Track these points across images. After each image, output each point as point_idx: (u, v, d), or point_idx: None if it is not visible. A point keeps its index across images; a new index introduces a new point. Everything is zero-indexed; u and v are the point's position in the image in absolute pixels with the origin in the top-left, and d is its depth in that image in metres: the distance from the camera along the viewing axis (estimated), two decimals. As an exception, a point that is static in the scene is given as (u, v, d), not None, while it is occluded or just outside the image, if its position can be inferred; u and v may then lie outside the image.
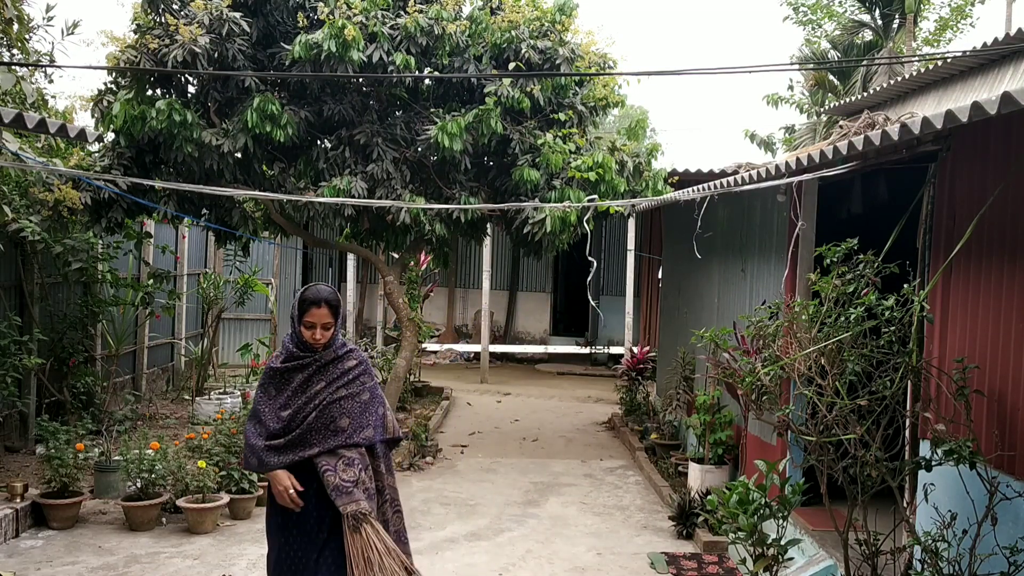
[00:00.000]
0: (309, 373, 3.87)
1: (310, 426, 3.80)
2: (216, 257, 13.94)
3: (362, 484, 3.82)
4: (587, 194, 8.45)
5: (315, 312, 3.82)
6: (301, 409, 3.83)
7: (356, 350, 4.02)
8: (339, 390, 3.86)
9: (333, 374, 3.89)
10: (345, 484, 3.76)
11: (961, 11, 21.10)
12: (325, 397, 3.84)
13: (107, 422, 8.84)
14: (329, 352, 3.90)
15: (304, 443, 3.80)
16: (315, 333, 3.83)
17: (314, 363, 3.87)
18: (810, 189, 6.29)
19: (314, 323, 3.82)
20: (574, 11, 8.88)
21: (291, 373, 3.88)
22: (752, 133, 19.81)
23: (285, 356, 3.91)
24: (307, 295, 3.87)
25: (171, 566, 6.07)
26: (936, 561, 4.06)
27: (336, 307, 3.90)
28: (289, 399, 3.85)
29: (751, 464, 5.93)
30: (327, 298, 3.86)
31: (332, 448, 3.79)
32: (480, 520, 7.35)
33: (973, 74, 8.55)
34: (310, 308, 3.82)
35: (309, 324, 3.83)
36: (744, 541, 5.05)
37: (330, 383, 3.87)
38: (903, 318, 4.28)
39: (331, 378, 3.88)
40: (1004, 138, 4.27)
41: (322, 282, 4.21)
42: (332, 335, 3.89)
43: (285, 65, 8.13)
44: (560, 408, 12.95)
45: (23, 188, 8.42)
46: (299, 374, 3.87)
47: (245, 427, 3.91)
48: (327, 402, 3.83)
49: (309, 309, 3.82)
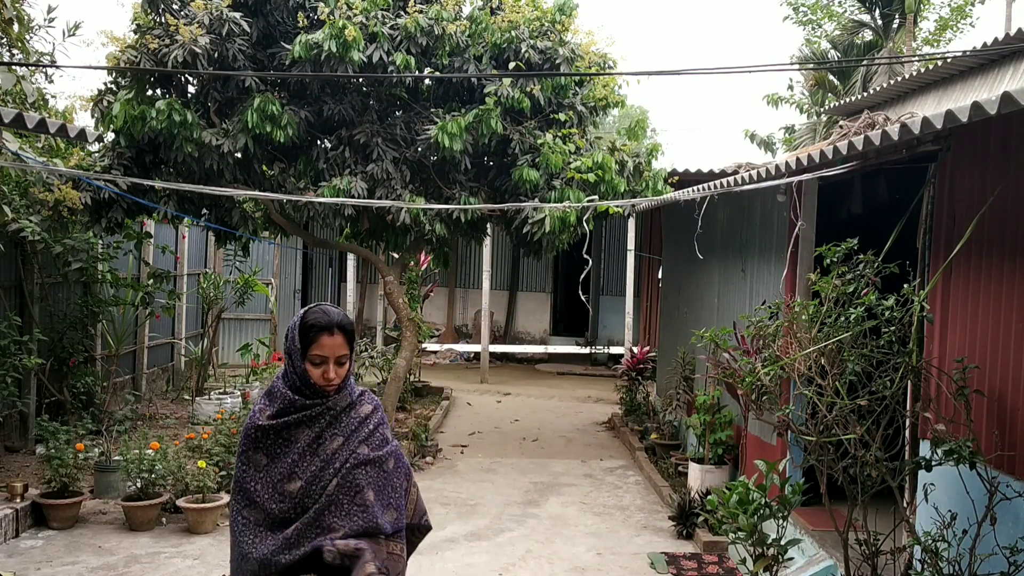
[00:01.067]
0: (320, 427, 2.76)
1: (331, 500, 2.69)
2: (216, 257, 13.94)
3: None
4: (587, 194, 8.45)
5: (326, 342, 2.71)
6: (317, 478, 2.72)
7: (367, 391, 2.96)
8: (360, 447, 2.78)
9: (350, 425, 2.80)
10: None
11: (961, 11, 21.10)
12: (347, 458, 2.75)
13: (107, 422, 8.84)
14: (343, 396, 2.81)
15: (321, 525, 2.68)
16: (327, 371, 2.72)
17: (326, 412, 2.77)
18: (810, 189, 6.29)
19: (325, 357, 2.71)
20: (574, 11, 8.88)
21: (293, 430, 2.75)
22: (752, 133, 19.82)
23: (281, 406, 2.75)
24: (312, 319, 2.75)
25: (171, 566, 6.07)
26: (936, 561, 4.06)
27: (352, 333, 2.81)
28: (296, 465, 2.73)
29: (751, 464, 5.93)
30: (340, 322, 2.75)
31: (358, 531, 2.69)
32: (480, 520, 7.35)
33: (973, 74, 8.55)
34: (319, 337, 2.71)
35: (318, 359, 2.71)
36: (744, 541, 5.05)
37: (348, 438, 2.78)
38: (903, 318, 4.29)
39: (348, 431, 2.79)
40: (1004, 138, 4.27)
41: (326, 301, 3.15)
42: (348, 372, 2.81)
43: (285, 65, 8.13)
44: (560, 408, 12.95)
45: (23, 188, 8.43)
46: (306, 430, 2.75)
47: (231, 521, 2.79)
48: (350, 465, 2.74)
49: (318, 338, 2.71)
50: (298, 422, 2.75)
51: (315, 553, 2.65)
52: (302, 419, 2.76)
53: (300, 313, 2.82)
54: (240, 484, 2.77)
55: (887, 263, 4.52)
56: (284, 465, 2.74)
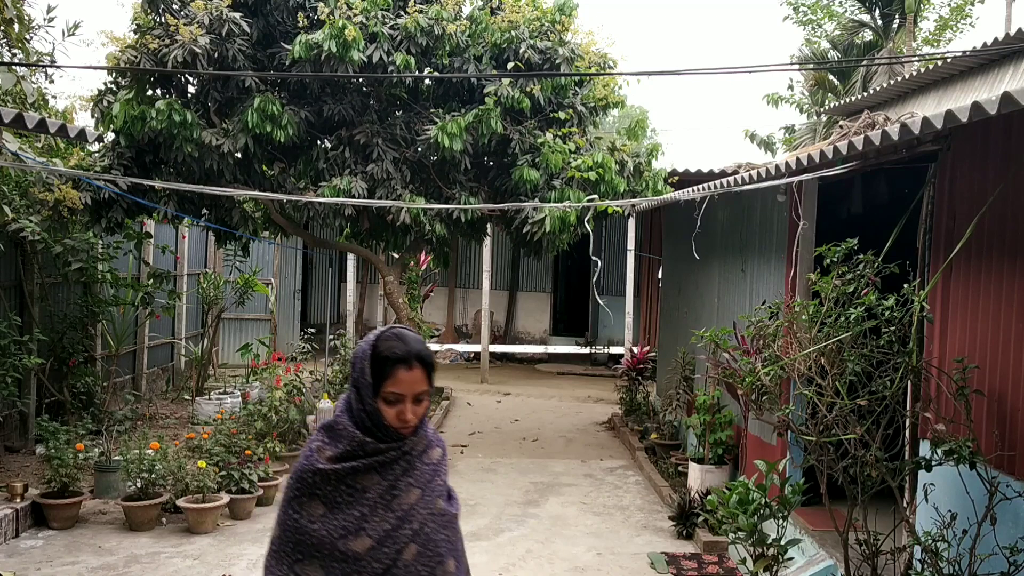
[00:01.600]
0: (395, 476, 2.30)
1: (408, 569, 2.28)
2: (216, 257, 13.94)
3: None
4: (587, 194, 8.45)
5: (403, 377, 2.24)
6: (391, 538, 2.25)
7: (428, 425, 2.44)
8: (437, 501, 2.40)
9: (425, 474, 2.37)
10: None
11: (961, 11, 21.11)
12: (425, 517, 2.33)
13: (107, 422, 8.84)
14: (420, 439, 2.36)
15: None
16: (403, 411, 2.25)
17: (401, 458, 2.31)
18: (810, 189, 6.29)
19: (402, 395, 2.25)
20: (574, 11, 8.88)
21: (361, 477, 2.25)
22: (752, 133, 19.82)
23: (348, 448, 2.26)
24: (387, 350, 2.27)
25: (171, 566, 6.07)
26: (936, 561, 4.05)
27: (432, 365, 2.33)
28: (365, 520, 2.24)
29: (751, 464, 5.93)
30: (419, 353, 2.28)
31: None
32: (480, 520, 7.35)
33: (973, 74, 8.55)
34: (395, 371, 2.24)
35: (393, 397, 2.24)
36: (744, 541, 5.05)
37: (425, 490, 2.35)
38: (903, 318, 4.29)
39: (424, 481, 2.36)
40: (1004, 138, 4.27)
41: (400, 324, 2.75)
42: (425, 411, 2.35)
43: (285, 65, 8.13)
44: (560, 408, 12.95)
45: (23, 188, 8.43)
46: (376, 478, 2.27)
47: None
48: (431, 528, 2.35)
49: (394, 373, 2.24)
50: (368, 468, 2.26)
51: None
52: (373, 465, 2.27)
53: (371, 339, 2.31)
54: (291, 534, 2.25)
55: (887, 263, 4.52)
56: (349, 518, 2.24)
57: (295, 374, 9.87)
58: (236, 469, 7.20)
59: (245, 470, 7.23)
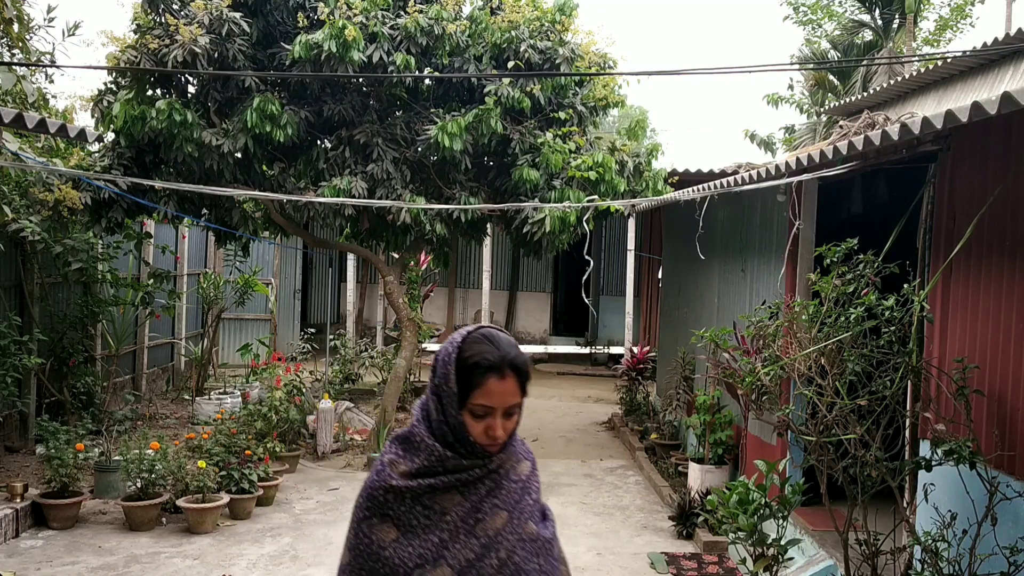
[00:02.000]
0: (479, 496, 2.00)
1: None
2: (216, 257, 13.94)
3: None
4: (587, 194, 8.45)
5: (494, 387, 1.95)
6: (473, 567, 1.95)
7: (517, 436, 2.12)
8: (527, 524, 2.06)
9: (513, 494, 2.06)
10: None
11: (961, 11, 21.11)
12: (514, 545, 2.01)
13: (107, 422, 8.84)
14: (508, 455, 2.06)
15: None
16: (493, 426, 1.96)
17: (487, 476, 2.02)
18: (810, 189, 6.29)
19: (492, 408, 1.96)
20: (574, 11, 8.87)
21: (440, 497, 1.98)
22: (752, 133, 19.81)
23: (426, 463, 1.98)
24: (478, 354, 1.97)
25: (171, 566, 6.07)
26: (936, 561, 4.06)
27: (527, 374, 2.02)
28: (445, 547, 1.95)
29: (751, 464, 5.93)
30: (513, 360, 1.98)
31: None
32: (480, 520, 7.34)
33: (973, 74, 8.55)
34: (485, 381, 1.94)
35: (482, 410, 1.95)
36: (744, 541, 5.05)
37: (513, 512, 2.04)
38: (903, 318, 4.29)
39: (511, 502, 2.04)
40: (1004, 138, 4.27)
41: (489, 323, 2.34)
42: (516, 425, 2.04)
43: (285, 65, 8.13)
44: (560, 408, 12.95)
45: (23, 188, 8.43)
46: (458, 498, 1.99)
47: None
48: (522, 555, 2.02)
49: (483, 382, 1.94)
50: (448, 486, 1.98)
51: None
52: (454, 483, 1.98)
53: (457, 340, 2.01)
54: (363, 560, 1.97)
55: (887, 263, 4.52)
56: (426, 545, 1.95)
57: (295, 374, 9.88)
58: (236, 469, 7.20)
59: (245, 470, 7.24)
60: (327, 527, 7.03)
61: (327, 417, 9.28)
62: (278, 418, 8.77)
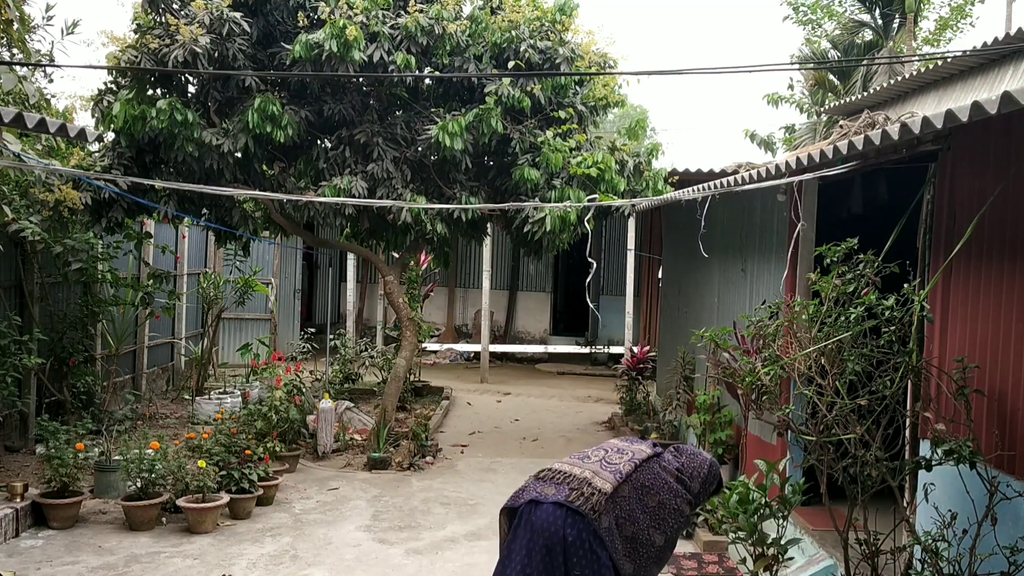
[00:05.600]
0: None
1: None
2: (216, 257, 13.94)
3: None
4: (587, 193, 8.45)
5: None
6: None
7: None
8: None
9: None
10: None
11: (961, 11, 21.11)
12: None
13: (107, 422, 8.84)
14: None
15: None
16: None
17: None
18: (810, 189, 6.29)
19: None
20: (574, 11, 8.88)
21: None
22: (752, 133, 19.81)
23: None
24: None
25: (171, 566, 6.07)
26: (936, 561, 4.06)
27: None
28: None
29: (751, 464, 5.93)
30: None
31: None
32: (480, 520, 7.35)
33: (973, 74, 8.56)
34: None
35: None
36: (744, 541, 5.06)
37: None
38: (903, 318, 4.29)
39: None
40: (1004, 138, 4.27)
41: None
42: None
43: (285, 65, 8.13)
44: (560, 408, 12.95)
45: (23, 188, 8.43)
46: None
47: None
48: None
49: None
50: None
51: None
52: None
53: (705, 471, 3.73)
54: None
55: (887, 263, 4.52)
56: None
57: (295, 374, 9.88)
58: (236, 469, 7.20)
59: (245, 470, 7.24)
60: (327, 527, 7.04)
61: (327, 417, 9.28)
62: (278, 418, 8.77)
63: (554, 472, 3.58)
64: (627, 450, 3.63)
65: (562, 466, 3.61)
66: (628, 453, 3.60)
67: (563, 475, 3.52)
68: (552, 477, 3.55)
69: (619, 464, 3.53)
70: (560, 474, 3.54)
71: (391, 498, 7.91)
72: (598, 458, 3.59)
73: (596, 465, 3.54)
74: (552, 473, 3.59)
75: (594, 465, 3.54)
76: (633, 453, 3.61)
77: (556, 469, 3.60)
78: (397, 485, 8.35)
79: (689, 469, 3.66)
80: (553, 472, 3.59)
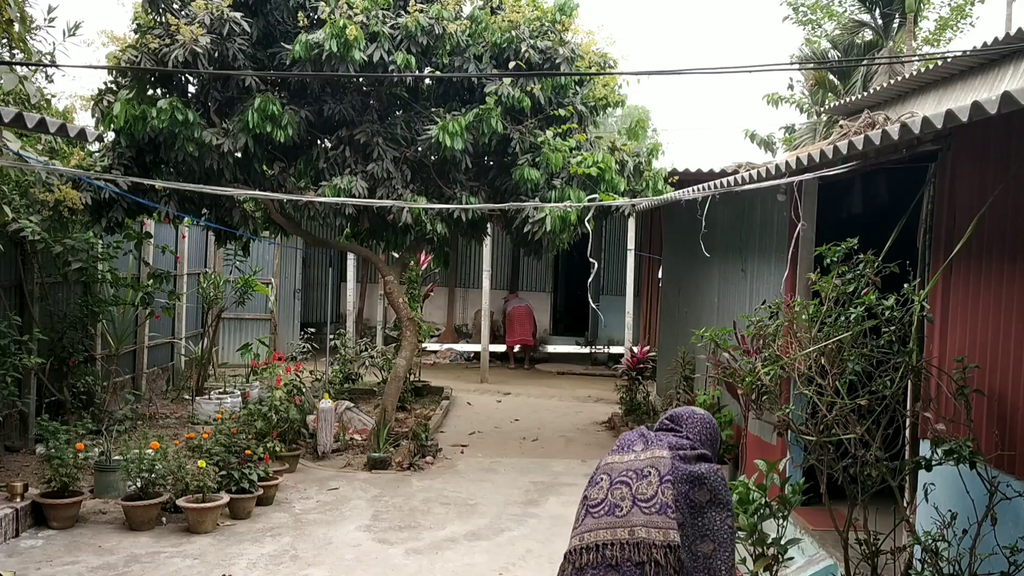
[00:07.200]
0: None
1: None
2: (216, 257, 13.93)
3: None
4: (587, 193, 8.45)
5: None
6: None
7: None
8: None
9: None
10: None
11: (961, 11, 21.12)
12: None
13: (107, 422, 8.84)
14: None
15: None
16: None
17: None
18: (810, 189, 6.29)
19: None
20: (574, 11, 8.88)
21: None
22: (752, 133, 19.81)
23: None
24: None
25: (171, 566, 6.07)
26: (936, 561, 4.06)
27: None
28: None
29: (751, 464, 5.93)
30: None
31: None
32: (480, 520, 7.35)
33: (973, 74, 8.56)
34: None
35: None
36: (744, 540, 5.05)
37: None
38: (903, 318, 4.29)
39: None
40: (1004, 138, 4.27)
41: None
42: None
43: (285, 65, 8.13)
44: (560, 408, 12.94)
45: (23, 188, 8.43)
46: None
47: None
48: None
49: None
50: None
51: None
52: None
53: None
54: None
55: (887, 263, 4.52)
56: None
57: (295, 374, 9.88)
58: (236, 469, 7.20)
59: (245, 470, 7.24)
60: (327, 527, 7.04)
61: (327, 417, 9.28)
62: (278, 418, 8.77)
63: (606, 554, 2.99)
64: (645, 469, 3.01)
65: (607, 535, 3.01)
66: (650, 474, 2.98)
67: (620, 549, 2.94)
68: (609, 561, 2.97)
69: (657, 495, 2.94)
70: (614, 549, 2.95)
71: (391, 498, 7.91)
72: (628, 498, 2.99)
73: (638, 514, 2.94)
74: (605, 556, 3.00)
75: (636, 515, 2.94)
76: (655, 467, 3.01)
77: (605, 543, 3.00)
78: (397, 485, 8.35)
79: (698, 436, 3.16)
80: (606, 555, 2.99)
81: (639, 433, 3.27)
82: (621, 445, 3.24)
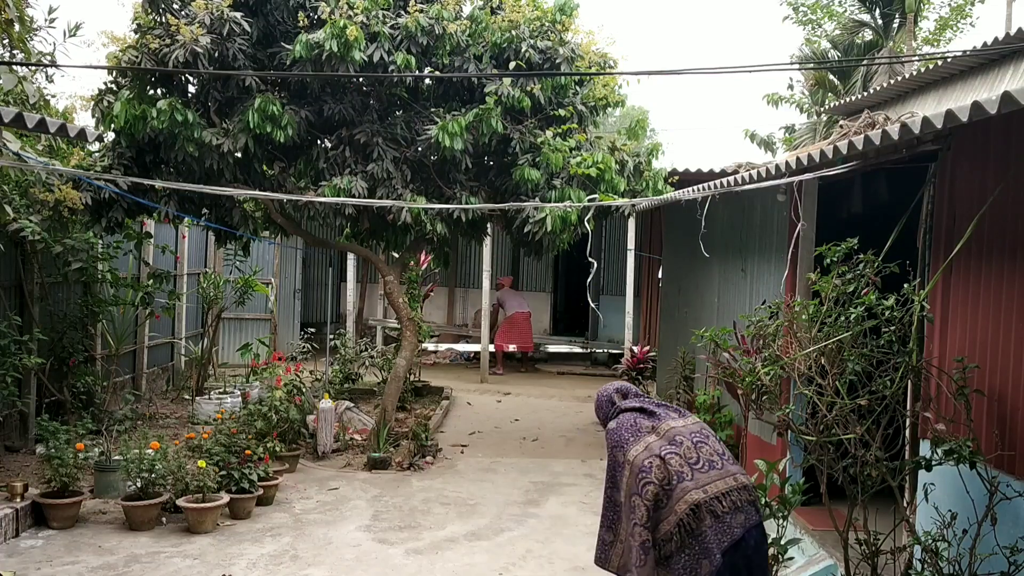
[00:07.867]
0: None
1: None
2: (216, 257, 13.93)
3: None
4: (587, 193, 8.46)
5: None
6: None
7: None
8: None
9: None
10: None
11: (961, 11, 21.12)
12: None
13: (107, 422, 8.84)
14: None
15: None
16: None
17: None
18: (810, 189, 6.29)
19: None
20: (574, 11, 8.88)
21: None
22: (752, 133, 19.81)
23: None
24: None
25: (171, 566, 6.07)
26: (936, 561, 4.06)
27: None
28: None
29: (751, 464, 5.93)
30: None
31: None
32: (480, 520, 7.35)
33: (973, 74, 8.56)
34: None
35: None
36: (744, 541, 5.04)
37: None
38: (903, 318, 4.29)
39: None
40: (1004, 138, 4.28)
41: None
42: None
43: (286, 65, 8.13)
44: (560, 407, 12.94)
45: (23, 188, 8.43)
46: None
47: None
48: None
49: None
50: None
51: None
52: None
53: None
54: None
55: (887, 263, 4.52)
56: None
57: (295, 374, 9.88)
58: (236, 469, 7.20)
59: (245, 470, 7.24)
60: (327, 527, 7.04)
61: (327, 417, 9.28)
62: (278, 418, 8.77)
63: (733, 499, 3.54)
64: (702, 430, 3.74)
65: (722, 485, 3.56)
66: (709, 434, 3.74)
67: (739, 493, 3.56)
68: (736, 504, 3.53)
69: (725, 450, 3.70)
70: (738, 495, 3.55)
71: (391, 498, 7.91)
72: (715, 454, 3.63)
73: (730, 465, 3.62)
74: (733, 501, 3.54)
75: (730, 465, 3.62)
76: (704, 428, 3.77)
77: (727, 491, 3.55)
78: (397, 485, 8.36)
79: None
80: (733, 499, 3.54)
81: (651, 407, 3.82)
82: (658, 415, 3.77)
